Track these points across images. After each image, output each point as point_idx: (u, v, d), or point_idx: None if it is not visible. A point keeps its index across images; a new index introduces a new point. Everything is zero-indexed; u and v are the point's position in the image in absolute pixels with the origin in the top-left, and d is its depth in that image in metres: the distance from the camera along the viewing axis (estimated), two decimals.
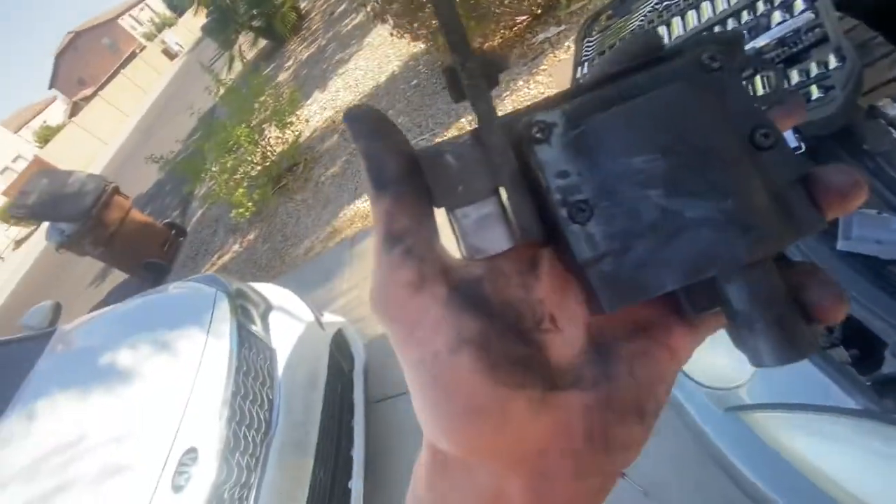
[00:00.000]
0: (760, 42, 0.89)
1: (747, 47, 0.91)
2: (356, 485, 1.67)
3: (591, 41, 1.36)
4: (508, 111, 0.18)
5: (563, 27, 3.26)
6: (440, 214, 0.18)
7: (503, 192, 0.17)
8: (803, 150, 0.73)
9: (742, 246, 0.15)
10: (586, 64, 1.34)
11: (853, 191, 0.16)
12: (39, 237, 16.03)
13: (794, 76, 0.78)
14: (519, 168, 0.17)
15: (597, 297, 0.16)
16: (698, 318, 0.18)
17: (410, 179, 0.17)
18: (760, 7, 0.93)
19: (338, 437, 1.76)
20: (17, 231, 20.25)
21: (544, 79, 3.06)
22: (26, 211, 4.63)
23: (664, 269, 0.16)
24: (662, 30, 1.14)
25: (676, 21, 1.12)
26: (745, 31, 0.92)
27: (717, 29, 1.01)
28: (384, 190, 0.17)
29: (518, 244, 0.17)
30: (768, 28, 0.89)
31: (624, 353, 0.17)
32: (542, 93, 2.98)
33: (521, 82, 3.19)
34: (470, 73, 0.16)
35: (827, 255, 0.68)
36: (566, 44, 3.14)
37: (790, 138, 0.73)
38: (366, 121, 0.18)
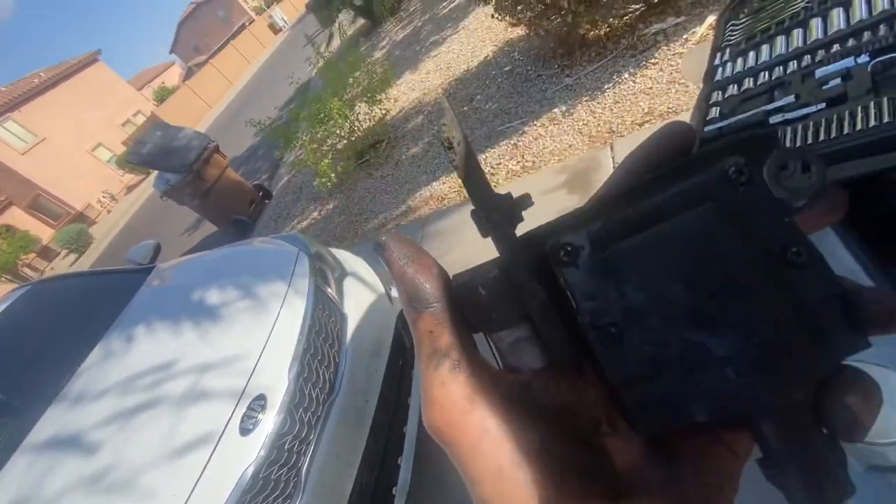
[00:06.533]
0: None
1: None
2: (406, 462, 1.66)
3: (738, 24, 1.19)
4: (533, 227, 0.18)
5: (681, 18, 2.98)
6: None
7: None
8: None
9: (768, 390, 0.14)
10: (728, 50, 1.18)
11: None
12: (147, 185, 17.96)
13: None
14: (546, 290, 0.17)
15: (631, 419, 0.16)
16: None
17: (446, 299, 0.18)
18: None
19: (394, 412, 1.76)
20: (131, 178, 22.86)
21: (654, 73, 2.82)
22: (140, 158, 5.15)
23: (693, 401, 0.15)
24: (835, 13, 0.96)
25: (857, 2, 0.93)
26: None
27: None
28: (422, 310, 0.18)
29: (550, 364, 0.17)
30: None
31: (687, 452, 0.16)
32: (650, 87, 2.76)
33: (626, 75, 2.97)
34: (494, 222, 0.18)
35: None
36: (684, 36, 2.87)
37: None
38: (396, 246, 0.19)
